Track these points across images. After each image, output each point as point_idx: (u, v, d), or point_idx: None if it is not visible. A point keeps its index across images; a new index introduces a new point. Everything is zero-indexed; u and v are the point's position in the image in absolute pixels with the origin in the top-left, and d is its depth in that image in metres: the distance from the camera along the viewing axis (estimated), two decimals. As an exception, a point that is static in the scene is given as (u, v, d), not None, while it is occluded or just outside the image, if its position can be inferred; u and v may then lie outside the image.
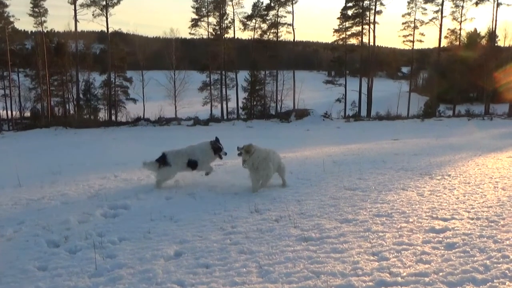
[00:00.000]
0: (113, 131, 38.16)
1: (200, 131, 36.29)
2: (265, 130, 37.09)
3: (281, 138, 25.71)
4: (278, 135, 30.33)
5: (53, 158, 18.71)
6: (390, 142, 20.94)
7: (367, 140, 22.98)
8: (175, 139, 29.04)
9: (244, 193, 8.25)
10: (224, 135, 30.66)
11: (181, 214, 6.82)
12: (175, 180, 9.84)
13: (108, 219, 6.76)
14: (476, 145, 17.71)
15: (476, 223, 5.92)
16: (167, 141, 27.10)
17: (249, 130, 37.50)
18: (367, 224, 5.96)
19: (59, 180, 10.69)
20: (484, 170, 10.74)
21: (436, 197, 7.47)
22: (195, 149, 9.52)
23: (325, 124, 41.35)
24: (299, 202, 7.32)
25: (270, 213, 6.67)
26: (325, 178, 9.62)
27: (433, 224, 5.86)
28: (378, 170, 10.70)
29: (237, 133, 32.27)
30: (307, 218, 6.33)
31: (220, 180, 9.63)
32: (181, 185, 9.15)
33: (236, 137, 28.74)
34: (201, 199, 7.86)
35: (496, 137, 25.05)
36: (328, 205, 7.05)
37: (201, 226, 6.16)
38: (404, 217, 6.23)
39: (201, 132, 35.43)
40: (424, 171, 10.44)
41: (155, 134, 34.29)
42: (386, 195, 7.68)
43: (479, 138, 24.00)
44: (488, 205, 6.91)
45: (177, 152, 9.36)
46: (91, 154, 20.59)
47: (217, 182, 9.39)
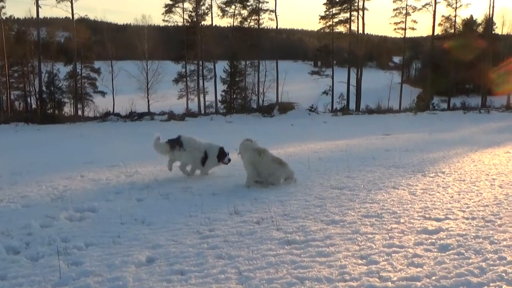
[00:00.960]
0: (79, 127, 37.79)
1: (176, 127, 36.10)
2: (246, 125, 37.06)
3: (263, 134, 25.69)
4: (259, 130, 30.31)
5: (13, 157, 18.48)
6: (381, 137, 21.09)
7: (356, 136, 23.10)
8: (148, 136, 28.81)
9: (223, 193, 8.25)
10: (202, 131, 30.68)
11: (154, 216, 6.79)
12: (148, 179, 9.81)
13: (73, 223, 6.70)
14: (472, 140, 17.93)
15: (471, 223, 6.00)
16: (139, 138, 26.90)
17: (229, 125, 37.44)
18: (355, 225, 6.00)
19: (20, 181, 10.57)
20: (480, 166, 10.88)
21: (429, 196, 7.55)
22: (211, 147, 10.09)
23: (311, 119, 41.45)
24: (282, 202, 7.34)
25: (250, 215, 6.67)
26: (311, 176, 9.66)
27: (426, 225, 5.92)
28: (367, 167, 10.77)
29: (215, 129, 32.21)
30: (291, 220, 6.35)
31: (197, 180, 9.61)
32: (154, 186, 9.12)
33: (215, 132, 28.69)
34: (176, 200, 7.84)
35: (493, 131, 25.37)
36: (314, 205, 7.07)
37: (175, 229, 6.13)
38: (394, 218, 6.28)
39: (176, 127, 35.26)
40: (416, 168, 10.55)
41: (126, 130, 34.06)
42: (376, 194, 7.74)
43: (475, 132, 24.31)
44: (484, 203, 7.01)
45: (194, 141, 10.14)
46: (55, 152, 20.38)
47: (193, 182, 9.38)
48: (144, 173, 10.77)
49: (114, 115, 44.61)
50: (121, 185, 9.30)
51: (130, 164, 12.28)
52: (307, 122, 38.41)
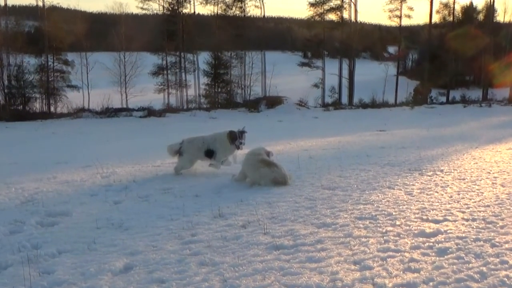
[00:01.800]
0: (51, 125, 37.56)
1: (155, 123, 36.04)
2: (231, 121, 36.99)
3: (249, 130, 25.63)
4: (246, 126, 30.31)
5: (-21, 157, 18.33)
6: (375, 133, 21.20)
7: (349, 132, 23.20)
8: (125, 132, 28.79)
9: (206, 194, 8.24)
10: (183, 127, 30.68)
11: (132, 220, 6.77)
12: (126, 180, 9.79)
13: (45, 228, 6.66)
14: (473, 135, 18.09)
15: (471, 225, 6.03)
16: (116, 135, 26.85)
17: (213, 121, 37.42)
18: (348, 228, 6.01)
19: (-14, 183, 10.49)
20: (481, 164, 10.97)
21: (427, 196, 7.59)
22: (213, 138, 10.41)
23: (301, 114, 41.55)
24: (269, 204, 7.35)
25: (236, 218, 6.67)
26: (300, 176, 9.67)
27: (423, 227, 5.95)
28: (361, 166, 10.82)
29: (198, 125, 32.14)
30: (279, 223, 6.36)
31: (179, 180, 9.60)
32: (132, 187, 9.10)
33: (197, 129, 28.61)
34: (156, 202, 7.82)
35: (495, 127, 25.58)
36: (304, 207, 7.09)
37: (155, 234, 6.12)
38: (390, 220, 6.31)
39: (156, 124, 35.17)
40: (413, 166, 10.61)
41: (101, 127, 33.92)
42: (370, 194, 7.77)
43: (475, 127, 24.51)
44: (485, 204, 7.06)
45: (192, 140, 10.50)
46: (25, 151, 20.25)
47: (175, 182, 9.36)
48: (122, 174, 10.72)
49: (89, 111, 44.38)
50: (96, 186, 9.26)
51: (106, 164, 12.22)
52: (297, 118, 38.51)
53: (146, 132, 28.97)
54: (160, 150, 12.58)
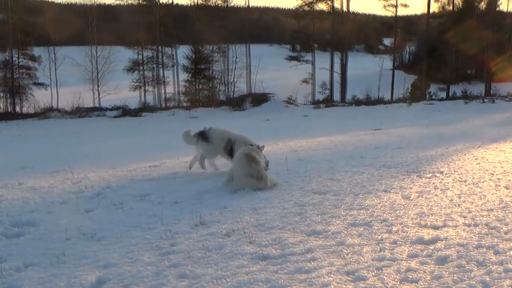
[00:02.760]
0: (17, 126, 37.38)
1: (130, 124, 35.91)
2: (213, 120, 36.92)
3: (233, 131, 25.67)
4: (229, 126, 30.24)
5: None
6: (370, 133, 21.26)
7: (341, 131, 23.25)
8: (98, 134, 28.68)
9: (186, 201, 8.22)
10: (161, 127, 30.59)
11: (106, 230, 6.74)
12: (99, 186, 9.74)
13: (10, 240, 6.62)
14: (475, 134, 18.19)
15: (473, 231, 6.06)
16: (88, 137, 26.72)
17: (193, 121, 37.35)
18: (340, 236, 6.02)
19: None
20: (484, 164, 11.03)
21: (426, 200, 7.62)
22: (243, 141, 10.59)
23: (289, 112, 41.61)
24: (255, 210, 7.35)
25: (219, 226, 6.66)
26: (289, 179, 9.68)
27: (421, 234, 5.97)
28: (354, 168, 10.84)
29: (177, 125, 31.96)
30: (266, 231, 6.36)
31: (156, 186, 9.57)
32: (106, 193, 9.05)
33: (176, 130, 28.51)
34: (131, 210, 7.79)
35: (498, 124, 25.75)
36: (292, 213, 7.09)
37: (131, 245, 6.10)
38: (386, 226, 6.33)
39: (131, 124, 35.06)
40: (411, 168, 10.65)
41: (71, 129, 33.76)
42: (364, 199, 7.79)
43: (478, 125, 24.65)
44: (488, 207, 7.09)
45: (221, 129, 11.04)
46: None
47: (152, 188, 9.33)
48: (94, 179, 10.68)
49: (58, 111, 44.22)
50: (66, 193, 9.20)
51: (77, 169, 12.16)
52: (285, 116, 38.53)
53: (121, 133, 28.85)
54: (136, 152, 12.62)
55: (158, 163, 12.43)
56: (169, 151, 15.77)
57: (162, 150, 16.97)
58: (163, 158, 13.97)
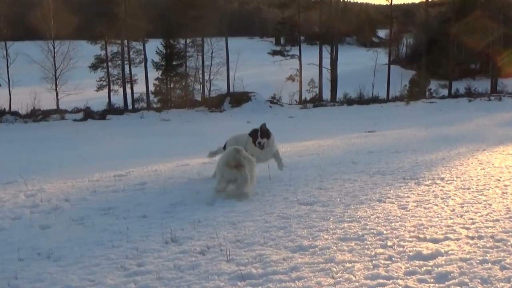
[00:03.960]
0: (-36, 132, 37.06)
1: (94, 128, 35.79)
2: (187, 123, 37.00)
3: (210, 135, 25.63)
4: (205, 130, 30.27)
5: None
6: (363, 135, 21.35)
7: (331, 134, 23.33)
8: (57, 140, 28.51)
9: (156, 214, 8.18)
10: (129, 131, 30.44)
11: (64, 249, 6.69)
12: (57, 199, 9.67)
13: (-46, 262, 6.56)
14: (480, 135, 18.30)
15: (477, 244, 6.08)
16: (45, 143, 26.55)
17: (165, 124, 37.35)
18: (329, 252, 6.02)
19: None
20: (489, 170, 11.10)
21: (424, 210, 7.64)
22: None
23: (273, 113, 41.68)
24: (234, 225, 7.33)
25: (192, 243, 6.64)
26: (272, 189, 9.68)
27: (420, 248, 5.98)
28: (345, 175, 10.86)
29: (147, 129, 32.05)
30: (246, 248, 6.34)
31: (122, 198, 9.52)
32: (64, 208, 8.99)
33: (146, 135, 28.55)
34: (94, 226, 7.74)
35: (506, 124, 25.96)
36: (275, 227, 7.09)
37: (92, 265, 6.06)
38: (380, 240, 6.34)
39: (95, 129, 34.95)
40: (408, 174, 10.69)
41: (26, 134, 33.57)
42: (356, 210, 7.80)
43: (483, 125, 24.84)
44: (494, 218, 7.12)
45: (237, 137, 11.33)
46: None
47: (117, 200, 9.28)
48: (51, 191, 10.60)
49: (11, 114, 43.93)
50: (19, 208, 9.13)
51: (32, 180, 12.08)
52: (268, 118, 38.42)
53: (83, 139, 28.72)
54: (100, 160, 12.54)
55: (124, 172, 12.36)
56: (137, 159, 15.76)
57: (129, 157, 16.93)
58: (130, 166, 13.89)
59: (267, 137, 10.80)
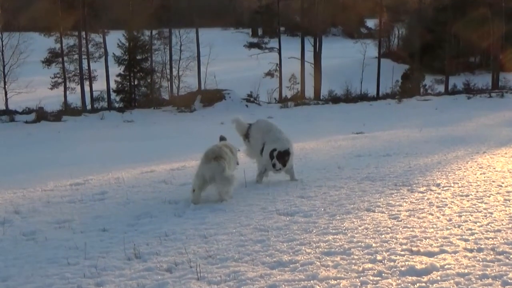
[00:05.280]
0: None
1: (48, 131, 35.59)
2: (153, 125, 36.94)
3: (178, 138, 25.68)
4: (173, 132, 30.24)
5: None
6: (351, 137, 21.43)
7: (315, 136, 23.38)
8: (5, 145, 28.32)
9: (118, 227, 8.15)
10: (87, 136, 30.32)
11: (13, 267, 6.65)
12: (5, 211, 9.61)
13: None
14: (479, 136, 18.42)
15: (477, 257, 6.10)
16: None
17: (128, 126, 37.26)
18: (311, 268, 6.02)
19: None
20: (490, 175, 11.17)
21: (418, 220, 7.67)
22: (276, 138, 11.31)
23: (250, 113, 41.65)
24: (205, 238, 7.32)
25: (159, 259, 6.62)
26: (248, 197, 9.68)
27: (413, 262, 6.00)
28: (330, 181, 10.89)
29: (108, 132, 31.94)
30: (218, 264, 6.33)
31: (79, 210, 9.48)
32: (13, 221, 8.92)
33: (107, 138, 28.42)
34: (46, 241, 7.69)
35: (509, 123, 26.18)
36: (252, 241, 7.08)
37: (45, 285, 6.03)
38: (369, 254, 6.35)
39: (49, 131, 34.75)
40: (400, 180, 10.73)
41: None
42: (342, 220, 7.82)
43: (483, 125, 25.03)
44: (495, 228, 7.16)
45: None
46: None
47: (74, 213, 9.22)
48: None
49: (-49, 116, 43.64)
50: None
51: (-24, 190, 12.01)
52: (244, 118, 38.49)
53: (35, 144, 28.56)
54: (54, 167, 12.42)
55: (82, 181, 12.31)
56: (97, 165, 15.70)
57: (88, 163, 16.88)
58: (88, 174, 13.85)
59: (283, 163, 10.86)
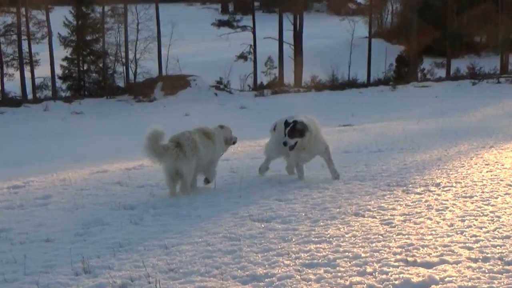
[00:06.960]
0: None
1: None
2: (107, 117, 36.82)
3: (135, 132, 25.48)
4: (129, 126, 30.13)
5: None
6: (337, 130, 21.49)
7: (295, 129, 23.36)
8: None
9: (64, 237, 8.11)
10: (29, 130, 30.29)
11: None
12: None
13: None
14: (486, 128, 18.53)
15: (482, 268, 6.13)
16: None
17: (77, 118, 37.13)
18: (291, 282, 6.03)
19: None
20: (497, 172, 11.23)
21: (415, 226, 7.70)
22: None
23: (219, 103, 41.70)
24: (166, 249, 7.31)
25: (112, 274, 6.60)
26: (217, 202, 9.68)
27: (408, 275, 6.02)
28: (312, 182, 10.92)
29: (53, 125, 31.83)
30: (181, 279, 6.32)
31: (18, 217, 9.43)
32: None
33: (51, 133, 28.34)
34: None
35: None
36: (221, 251, 7.08)
37: (-22, 308, 6.01)
38: (357, 266, 6.36)
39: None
40: (394, 179, 10.77)
41: None
42: (326, 227, 7.82)
43: (490, 115, 25.15)
44: (503, 234, 7.19)
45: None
46: None
47: (11, 220, 9.18)
48: None
49: None
50: None
51: None
52: (213, 108, 38.60)
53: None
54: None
55: (21, 183, 12.24)
56: (39, 165, 15.63)
57: (29, 163, 16.80)
58: (29, 175, 13.77)
59: (299, 135, 11.05)
